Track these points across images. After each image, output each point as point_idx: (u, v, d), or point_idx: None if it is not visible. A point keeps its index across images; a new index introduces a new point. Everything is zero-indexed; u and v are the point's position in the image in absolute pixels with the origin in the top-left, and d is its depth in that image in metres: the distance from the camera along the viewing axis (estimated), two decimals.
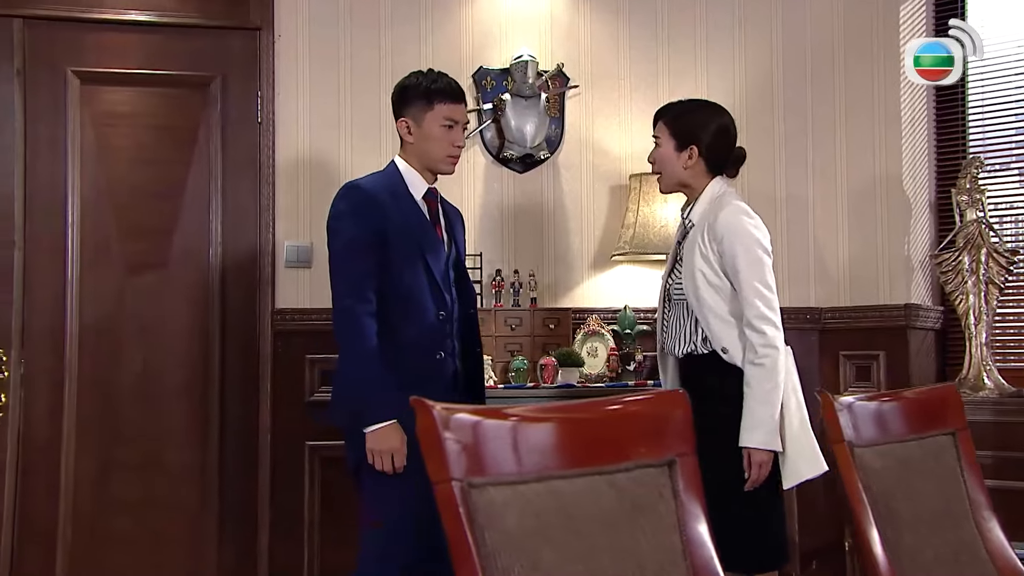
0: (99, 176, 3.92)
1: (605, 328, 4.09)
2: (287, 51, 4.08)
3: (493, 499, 1.00)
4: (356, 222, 2.87)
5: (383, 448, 2.78)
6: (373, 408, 2.81)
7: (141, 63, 3.98)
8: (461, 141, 3.04)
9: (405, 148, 3.04)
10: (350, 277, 2.85)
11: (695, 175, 3.04)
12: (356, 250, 2.85)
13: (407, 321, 2.89)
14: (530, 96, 4.17)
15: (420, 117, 2.98)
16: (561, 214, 4.28)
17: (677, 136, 3.03)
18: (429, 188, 3.04)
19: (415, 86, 3.00)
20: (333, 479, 3.95)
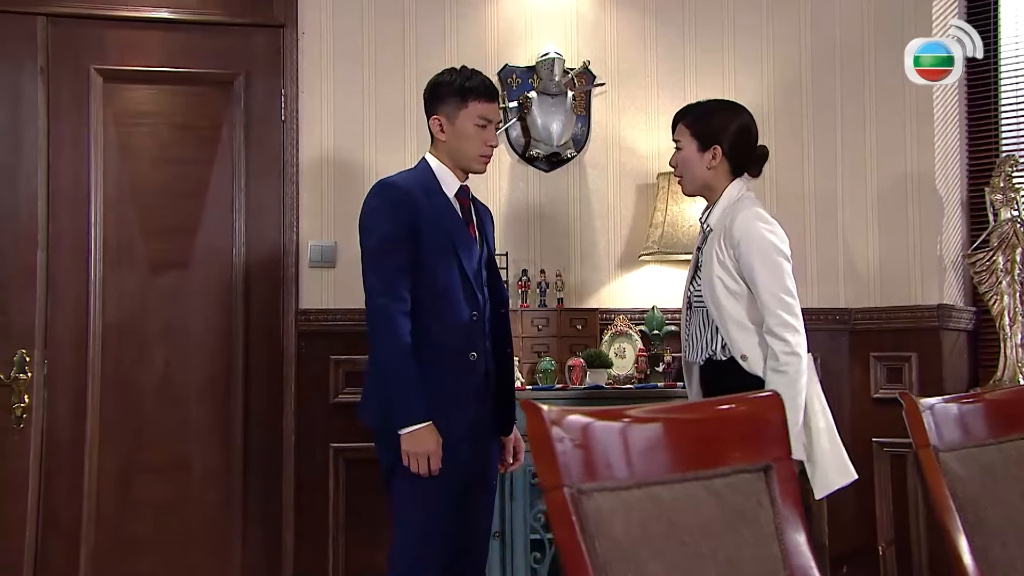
0: (122, 175, 3.89)
1: (633, 329, 4.04)
2: (311, 48, 4.04)
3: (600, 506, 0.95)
4: (390, 219, 2.83)
5: (419, 450, 2.74)
6: (408, 409, 2.76)
7: (164, 61, 3.94)
8: (495, 140, 2.99)
9: (437, 146, 2.99)
10: (384, 274, 2.80)
11: (718, 176, 3.00)
12: (390, 247, 2.81)
13: (440, 320, 2.84)
14: (557, 94, 4.12)
15: (454, 115, 2.93)
16: (587, 213, 4.23)
17: (699, 137, 2.99)
18: (461, 186, 2.99)
19: (449, 83, 2.95)
20: (358, 481, 3.91)
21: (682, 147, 3.03)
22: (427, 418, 2.75)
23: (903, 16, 4.22)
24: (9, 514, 3.62)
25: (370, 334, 2.85)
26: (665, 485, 1.00)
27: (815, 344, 4.19)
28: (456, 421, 2.83)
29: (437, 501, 2.77)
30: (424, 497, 2.78)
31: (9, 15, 3.77)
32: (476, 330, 2.90)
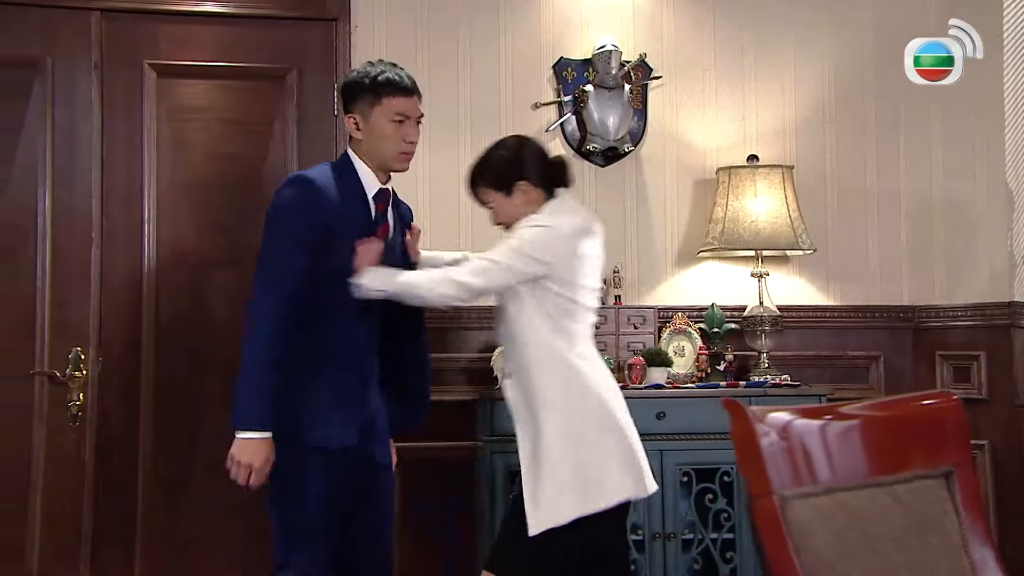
0: (175, 171, 3.85)
1: (692, 326, 3.95)
2: (364, 42, 3.98)
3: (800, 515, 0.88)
4: (297, 217, 2.64)
5: (245, 460, 2.58)
6: (252, 414, 2.58)
7: (217, 55, 3.90)
8: (414, 136, 2.79)
9: (355, 144, 2.80)
10: (275, 273, 2.62)
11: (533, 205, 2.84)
12: (290, 246, 2.63)
13: (335, 322, 2.68)
14: (613, 87, 4.03)
15: (368, 112, 2.74)
16: (644, 209, 4.14)
17: (499, 186, 2.85)
18: (381, 190, 2.80)
19: (362, 79, 2.77)
20: (415, 481, 3.85)
21: (492, 203, 2.88)
22: (264, 429, 2.57)
23: (969, 8, 4.10)
24: (65, 512, 3.59)
25: (242, 330, 2.65)
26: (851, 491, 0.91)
27: (876, 342, 4.15)
28: (344, 426, 2.68)
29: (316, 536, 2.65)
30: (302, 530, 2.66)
31: (64, 11, 3.75)
32: (372, 333, 2.77)
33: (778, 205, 3.89)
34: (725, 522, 3.59)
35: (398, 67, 2.83)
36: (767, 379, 3.78)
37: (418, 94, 2.82)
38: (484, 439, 3.60)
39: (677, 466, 3.58)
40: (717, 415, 3.58)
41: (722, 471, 3.60)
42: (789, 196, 3.91)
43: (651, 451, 3.52)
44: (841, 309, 4.13)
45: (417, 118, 2.80)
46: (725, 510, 3.59)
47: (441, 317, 3.92)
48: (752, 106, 4.19)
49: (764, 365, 3.89)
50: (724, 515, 3.59)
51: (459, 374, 3.95)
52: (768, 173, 3.93)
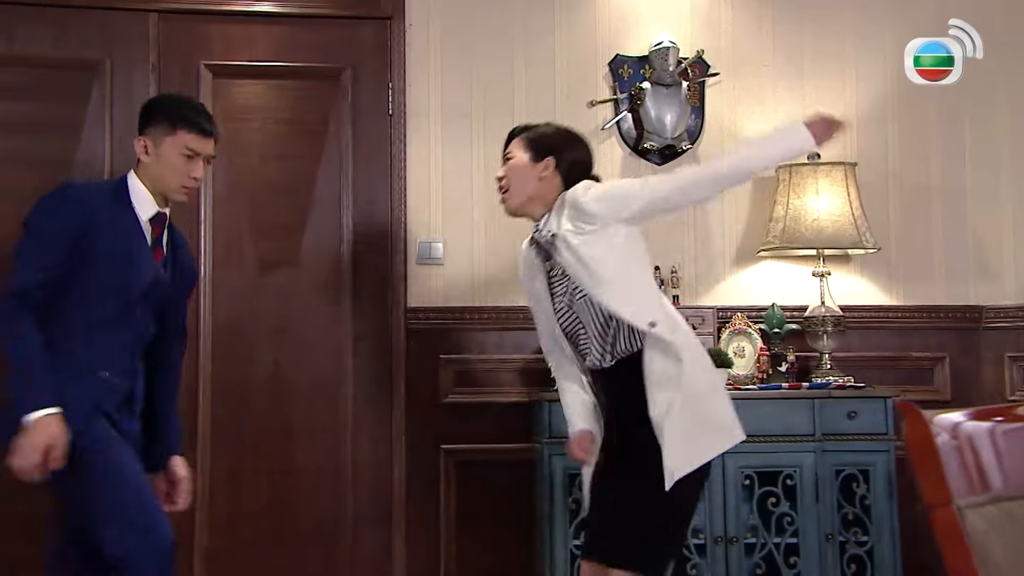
0: (231, 172, 3.84)
1: (752, 327, 3.87)
2: (418, 40, 3.96)
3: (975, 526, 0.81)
4: (54, 219, 2.60)
5: (39, 440, 2.45)
6: (35, 397, 2.49)
7: (271, 55, 3.90)
8: (199, 173, 2.74)
9: (140, 167, 2.74)
10: (24, 274, 2.57)
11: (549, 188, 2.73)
12: (42, 248, 2.58)
13: (80, 334, 2.60)
14: (671, 84, 3.97)
15: (160, 140, 2.71)
16: (701, 208, 4.03)
17: (534, 149, 2.76)
18: (158, 212, 2.73)
19: (162, 107, 2.78)
20: (469, 483, 3.82)
21: (513, 158, 2.78)
22: (53, 404, 2.49)
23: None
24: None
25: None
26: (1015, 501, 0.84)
27: (941, 343, 4.05)
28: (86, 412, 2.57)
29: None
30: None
31: (122, 12, 3.77)
32: (122, 351, 2.67)
33: (841, 203, 3.80)
34: (788, 526, 3.51)
35: (202, 107, 2.85)
36: (830, 381, 3.69)
37: (215, 138, 2.78)
38: (542, 441, 3.55)
39: (739, 469, 3.50)
40: (780, 417, 3.58)
41: (785, 474, 3.52)
42: (852, 194, 3.83)
43: None
44: (905, 309, 4.03)
45: (208, 157, 2.77)
46: (788, 514, 3.51)
47: (496, 318, 3.90)
48: (811, 102, 4.08)
49: (827, 366, 3.81)
50: (787, 519, 3.51)
51: (514, 375, 3.90)
52: (830, 171, 3.84)
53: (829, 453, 3.53)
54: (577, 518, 3.49)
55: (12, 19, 3.71)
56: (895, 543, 3.53)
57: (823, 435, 3.54)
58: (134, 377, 2.72)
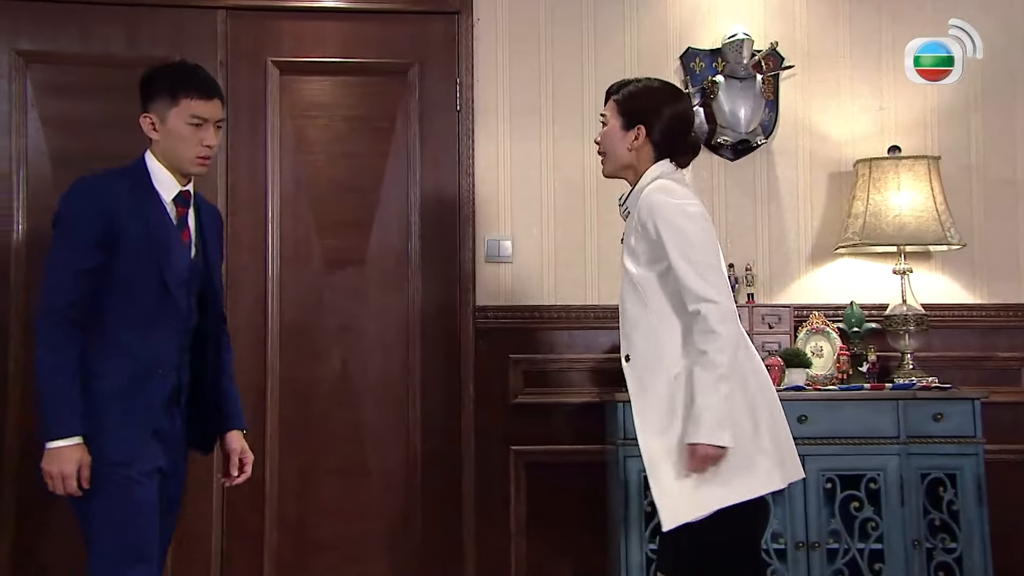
0: (298, 169, 3.82)
1: (830, 326, 3.76)
2: (486, 35, 3.90)
3: None
4: (81, 218, 2.48)
5: (53, 470, 2.40)
6: (52, 423, 2.41)
7: (339, 51, 3.86)
8: (212, 140, 2.60)
9: (152, 145, 2.62)
10: (57, 279, 2.47)
11: (640, 158, 2.62)
12: (76, 248, 2.46)
13: (127, 330, 2.50)
14: (745, 77, 3.88)
15: (165, 113, 2.57)
16: (775, 204, 3.97)
17: (625, 115, 2.63)
18: (180, 191, 2.61)
19: (159, 78, 2.61)
20: (540, 484, 3.76)
21: (606, 123, 2.69)
22: (71, 435, 2.41)
23: None
24: (194, 517, 3.54)
25: (35, 340, 2.47)
26: None
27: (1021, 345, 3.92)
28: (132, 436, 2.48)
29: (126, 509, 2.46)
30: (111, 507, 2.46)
31: (192, 10, 3.75)
32: (170, 343, 2.57)
33: (924, 198, 3.68)
34: (872, 531, 3.40)
35: (201, 68, 2.68)
36: (913, 381, 3.57)
37: (220, 98, 2.63)
38: (616, 442, 3.47)
39: (820, 472, 3.40)
40: (862, 419, 3.46)
41: (868, 478, 3.41)
42: (935, 189, 3.70)
43: None
44: (990, 308, 3.90)
45: (216, 122, 2.63)
46: (872, 519, 3.40)
47: (567, 317, 3.83)
48: (890, 95, 3.99)
49: (909, 367, 3.69)
50: (871, 524, 3.40)
51: (585, 375, 3.83)
52: (912, 165, 3.73)
53: (914, 456, 3.42)
54: (653, 522, 3.41)
55: (85, 19, 3.71)
56: (986, 550, 3.40)
57: (908, 438, 3.42)
58: (180, 371, 2.61)
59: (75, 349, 2.44)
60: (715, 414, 2.39)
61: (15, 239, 3.63)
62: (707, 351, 2.40)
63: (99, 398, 2.45)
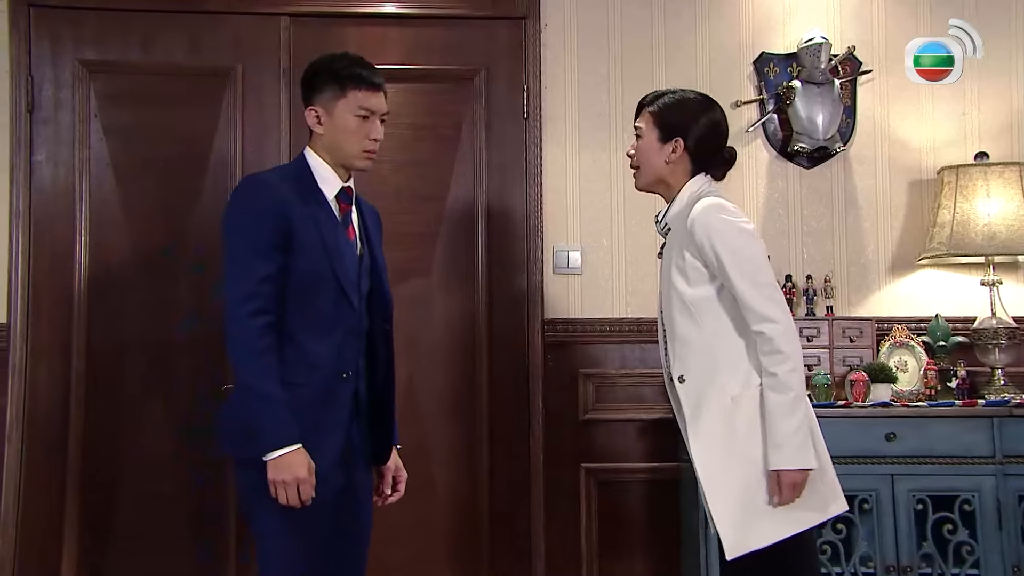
0: (360, 179, 3.60)
1: (915, 339, 3.61)
2: (554, 40, 3.79)
3: None
4: (257, 221, 2.43)
5: (287, 477, 2.33)
6: (275, 431, 2.35)
7: (403, 58, 3.76)
8: (379, 133, 2.58)
9: (315, 140, 2.59)
10: (247, 283, 2.40)
11: (676, 172, 2.59)
12: (256, 253, 2.41)
13: (310, 336, 2.45)
14: (822, 83, 3.74)
15: (331, 106, 2.53)
16: (853, 213, 3.83)
17: (661, 127, 2.59)
18: (343, 188, 2.58)
19: (326, 70, 2.57)
20: (612, 503, 3.64)
21: (641, 135, 2.63)
22: (296, 440, 2.35)
23: None
24: None
25: (230, 350, 2.41)
26: None
27: None
28: (326, 448, 2.43)
29: (308, 536, 2.39)
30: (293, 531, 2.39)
31: (254, 17, 3.67)
32: (348, 347, 2.51)
33: (1015, 206, 3.53)
34: (968, 556, 3.23)
35: (364, 60, 2.61)
36: (1008, 398, 3.41)
37: (384, 90, 2.58)
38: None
39: (910, 492, 3.24)
40: (954, 437, 3.29)
41: (962, 499, 3.24)
42: None
43: (880, 475, 3.26)
44: None
45: (382, 115, 2.57)
46: (967, 542, 3.23)
47: (639, 330, 3.71)
48: (973, 100, 3.84)
49: (1000, 382, 3.53)
50: (966, 548, 3.23)
51: (658, 390, 3.69)
52: (1002, 171, 3.57)
53: (1012, 477, 3.25)
54: None
55: (148, 27, 3.64)
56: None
57: (1004, 457, 3.26)
58: (358, 378, 2.55)
59: (275, 355, 2.38)
60: (797, 437, 2.34)
61: (78, 249, 3.57)
62: (777, 373, 2.36)
63: (293, 409, 2.37)
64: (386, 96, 2.60)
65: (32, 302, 3.54)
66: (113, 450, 3.51)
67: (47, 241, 3.57)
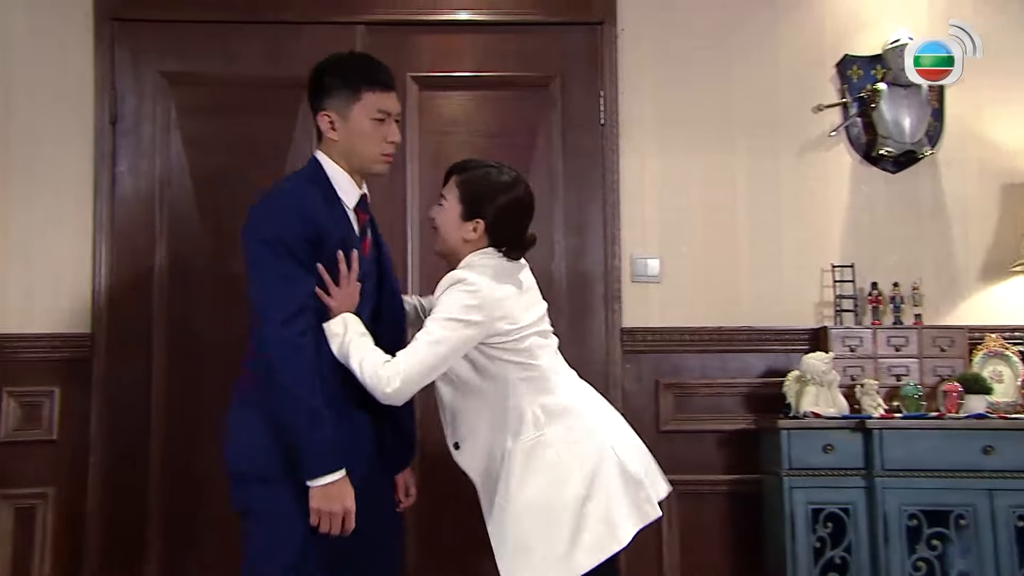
0: (437, 187, 3.66)
1: (1010, 349, 3.48)
2: (630, 46, 3.74)
3: None
4: (291, 232, 2.28)
5: (334, 508, 2.23)
6: (321, 457, 2.23)
7: (477, 65, 3.74)
8: (396, 136, 2.46)
9: (328, 146, 2.45)
10: (285, 298, 2.25)
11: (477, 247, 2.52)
12: (300, 266, 2.28)
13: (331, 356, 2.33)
14: (909, 85, 3.64)
15: (346, 109, 2.40)
16: (942, 219, 3.71)
17: (465, 202, 2.52)
18: (361, 196, 2.47)
19: (337, 71, 2.43)
20: (693, 517, 3.54)
21: (445, 205, 2.54)
22: (342, 466, 2.25)
23: None
24: None
25: (273, 367, 2.25)
26: None
27: None
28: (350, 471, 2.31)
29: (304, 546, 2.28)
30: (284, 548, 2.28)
31: (331, 26, 3.67)
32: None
33: None
34: None
35: (375, 59, 2.50)
36: None
37: (396, 90, 2.47)
38: (780, 473, 3.25)
39: (1011, 509, 3.12)
40: None
41: None
42: None
43: (978, 490, 3.13)
44: None
45: (397, 116, 2.46)
46: None
47: (719, 339, 3.63)
48: None
49: None
50: None
51: (739, 400, 3.61)
52: None
53: None
54: (824, 557, 3.18)
55: (229, 38, 3.67)
56: None
57: None
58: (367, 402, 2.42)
59: (316, 375, 2.25)
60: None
61: (158, 259, 3.59)
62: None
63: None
64: (397, 95, 2.49)
65: (115, 312, 3.57)
66: (193, 457, 3.52)
67: (128, 251, 3.60)
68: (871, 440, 3.19)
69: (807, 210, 3.71)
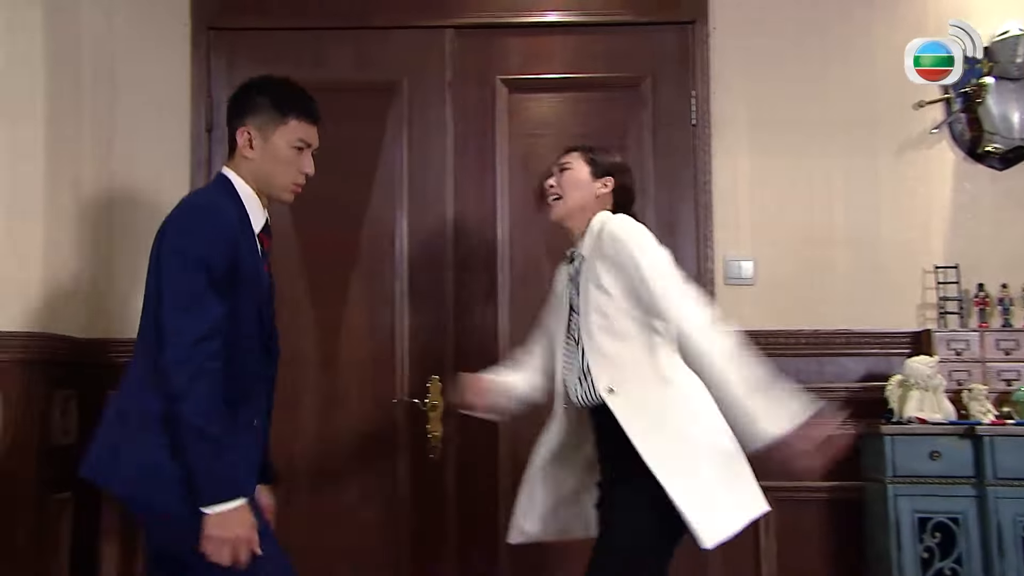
0: (527, 191, 3.67)
1: None
2: (723, 45, 3.68)
3: None
4: (215, 253, 2.22)
5: (228, 535, 2.13)
6: (221, 482, 2.15)
7: (567, 67, 3.72)
8: (311, 168, 2.42)
9: (239, 164, 2.39)
10: (205, 321, 2.17)
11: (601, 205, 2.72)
12: (215, 286, 2.21)
13: (235, 381, 2.25)
14: (1018, 78, 3.52)
15: (268, 130, 2.37)
16: None
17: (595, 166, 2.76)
18: (266, 220, 2.42)
19: (267, 91, 2.41)
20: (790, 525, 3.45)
21: (571, 169, 2.75)
22: (244, 493, 2.18)
23: None
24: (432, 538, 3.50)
25: (176, 386, 2.14)
26: None
27: None
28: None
29: None
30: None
31: (420, 31, 3.69)
32: (262, 393, 2.38)
33: None
34: None
35: (307, 91, 2.48)
36: None
37: (320, 126, 2.45)
38: (884, 480, 3.15)
39: None
40: None
41: None
42: None
43: None
44: None
45: (315, 149, 2.44)
46: None
47: (816, 343, 3.54)
48: None
49: None
50: None
51: (837, 405, 3.50)
52: None
53: None
54: (932, 568, 3.07)
55: (319, 44, 3.70)
56: None
57: None
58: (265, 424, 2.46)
59: (221, 399, 2.18)
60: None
61: None
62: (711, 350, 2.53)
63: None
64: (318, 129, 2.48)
65: None
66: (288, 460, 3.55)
67: None
68: (981, 447, 3.07)
69: (907, 210, 3.60)
